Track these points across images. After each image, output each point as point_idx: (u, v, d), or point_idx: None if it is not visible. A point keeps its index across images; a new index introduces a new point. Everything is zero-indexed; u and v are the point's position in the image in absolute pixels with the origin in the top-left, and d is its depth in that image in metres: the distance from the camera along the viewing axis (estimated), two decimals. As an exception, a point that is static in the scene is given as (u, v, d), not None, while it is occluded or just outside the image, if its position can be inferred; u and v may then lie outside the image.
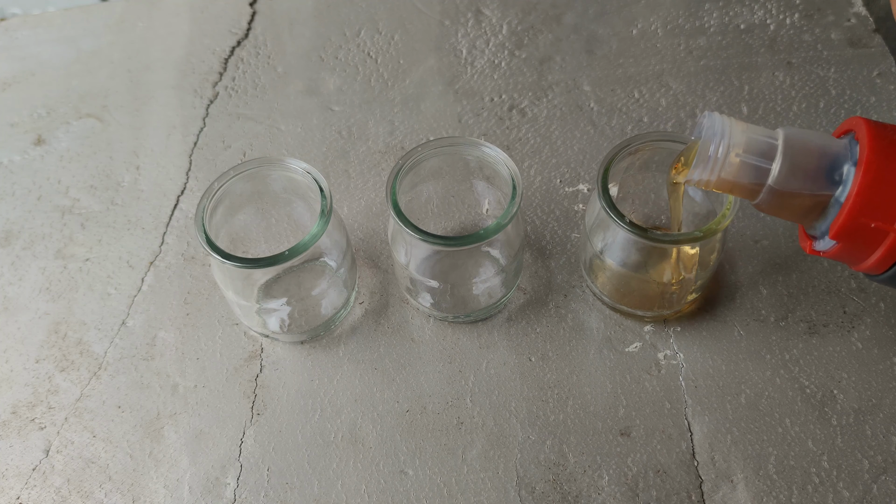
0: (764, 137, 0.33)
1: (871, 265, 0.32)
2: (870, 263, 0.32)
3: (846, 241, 0.32)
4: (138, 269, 0.48)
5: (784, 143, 0.32)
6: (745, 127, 0.33)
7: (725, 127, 0.33)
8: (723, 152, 0.33)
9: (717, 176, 0.33)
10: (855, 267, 0.34)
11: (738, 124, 0.33)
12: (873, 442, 0.40)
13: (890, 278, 0.33)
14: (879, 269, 0.32)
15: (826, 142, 0.33)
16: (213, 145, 0.53)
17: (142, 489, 0.41)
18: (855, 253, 0.33)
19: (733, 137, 0.33)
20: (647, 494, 0.39)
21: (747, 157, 0.33)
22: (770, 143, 0.33)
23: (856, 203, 0.31)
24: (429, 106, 0.54)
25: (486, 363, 0.44)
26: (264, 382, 0.44)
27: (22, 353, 0.46)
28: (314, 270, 0.45)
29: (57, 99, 0.57)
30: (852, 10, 0.57)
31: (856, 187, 0.31)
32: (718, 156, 0.33)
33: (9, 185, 0.53)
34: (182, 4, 0.62)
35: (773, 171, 0.32)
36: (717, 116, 0.33)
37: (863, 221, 0.31)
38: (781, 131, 0.33)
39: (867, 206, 0.31)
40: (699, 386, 0.42)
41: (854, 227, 0.31)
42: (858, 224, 0.31)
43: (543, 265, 0.47)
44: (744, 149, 0.33)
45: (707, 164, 0.33)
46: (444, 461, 0.41)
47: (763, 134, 0.33)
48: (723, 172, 0.33)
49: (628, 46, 0.56)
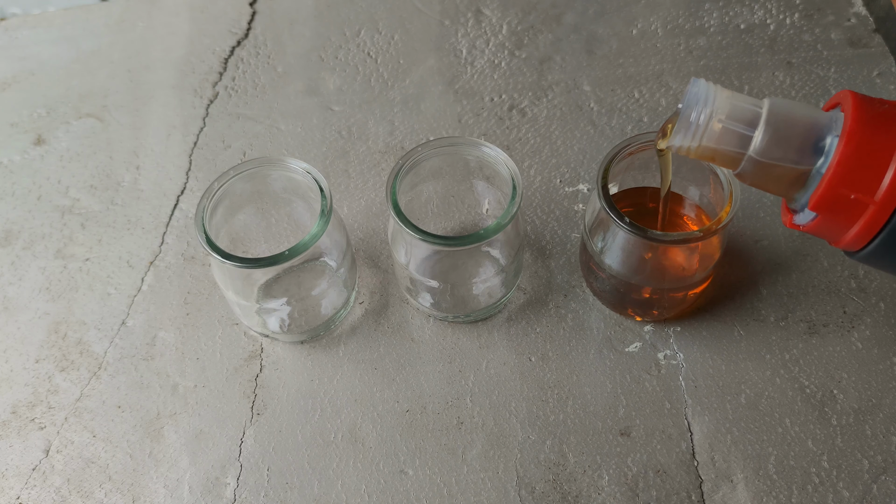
0: (748, 105, 0.32)
1: (850, 240, 0.32)
2: (849, 238, 0.32)
3: (825, 212, 0.31)
4: (138, 269, 0.48)
5: (768, 112, 0.32)
6: (730, 94, 0.33)
7: (710, 93, 0.33)
8: (704, 119, 0.32)
9: (698, 142, 0.33)
10: (834, 243, 0.33)
11: (723, 91, 0.33)
12: (873, 442, 0.40)
13: (868, 255, 0.32)
14: (858, 244, 0.32)
15: (811, 112, 0.32)
16: (213, 145, 0.53)
17: (142, 489, 0.41)
18: (834, 226, 0.32)
19: (717, 104, 0.32)
20: (647, 494, 0.39)
21: (730, 123, 0.32)
22: (754, 110, 0.32)
23: (836, 173, 0.30)
24: (429, 106, 0.54)
25: (486, 363, 0.44)
26: (264, 382, 0.44)
27: (22, 353, 0.46)
28: (314, 270, 0.45)
29: (57, 99, 0.57)
30: (852, 10, 0.57)
31: (837, 157, 0.30)
32: (700, 122, 0.32)
33: (9, 185, 0.53)
34: (182, 4, 0.62)
35: (755, 140, 0.32)
36: (702, 83, 0.33)
37: (842, 192, 0.30)
38: (767, 100, 0.32)
39: (848, 177, 0.30)
40: (699, 386, 0.42)
41: (833, 197, 0.31)
42: (838, 195, 0.30)
43: (543, 265, 0.47)
44: (727, 115, 0.32)
45: (688, 130, 0.33)
46: (444, 461, 0.41)
47: (748, 102, 0.33)
48: (704, 139, 0.33)
49: (628, 46, 0.56)
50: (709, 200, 0.42)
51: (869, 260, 0.32)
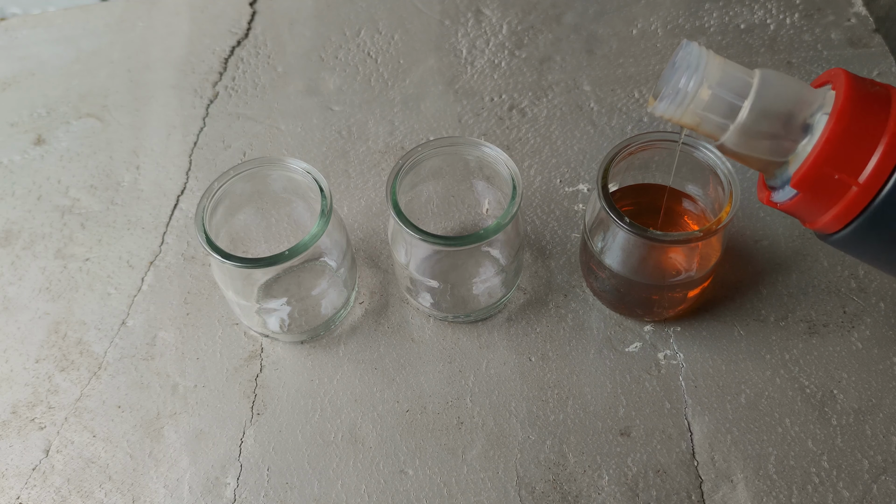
0: (740, 74, 0.32)
1: (827, 221, 0.31)
2: (826, 219, 0.31)
3: (807, 191, 0.31)
4: (138, 269, 0.48)
5: (759, 83, 0.31)
6: (723, 61, 0.32)
7: (701, 59, 0.31)
8: (693, 86, 0.31)
9: (684, 110, 0.32)
10: (808, 223, 0.33)
11: (715, 58, 0.32)
12: (873, 442, 0.40)
13: (842, 239, 0.31)
14: (835, 226, 0.31)
15: (802, 88, 0.32)
16: (213, 145, 0.53)
17: (142, 489, 0.41)
18: (813, 206, 0.31)
19: (708, 70, 0.31)
20: (647, 494, 0.39)
21: (720, 91, 0.31)
22: (745, 80, 0.31)
23: (823, 150, 0.30)
24: (429, 106, 0.54)
25: (486, 363, 0.44)
26: (264, 382, 0.44)
27: (22, 353, 0.46)
28: (314, 270, 0.45)
29: (57, 99, 0.57)
30: (852, 10, 0.57)
31: (826, 134, 0.29)
32: (689, 89, 0.31)
33: (9, 185, 0.53)
34: (182, 4, 0.62)
35: (743, 110, 0.31)
36: (694, 47, 0.32)
37: (827, 171, 0.30)
38: (758, 71, 0.32)
39: (834, 156, 0.30)
40: (699, 386, 0.42)
41: (817, 176, 0.30)
42: (822, 174, 0.30)
43: (543, 265, 0.47)
44: (717, 82, 0.31)
45: (675, 96, 0.32)
46: (444, 461, 0.41)
47: (740, 71, 0.32)
48: (692, 105, 0.32)
49: (628, 46, 0.56)
50: (709, 200, 0.42)
51: (842, 244, 0.32)
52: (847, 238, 0.31)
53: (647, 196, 0.44)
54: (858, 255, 0.34)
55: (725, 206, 0.38)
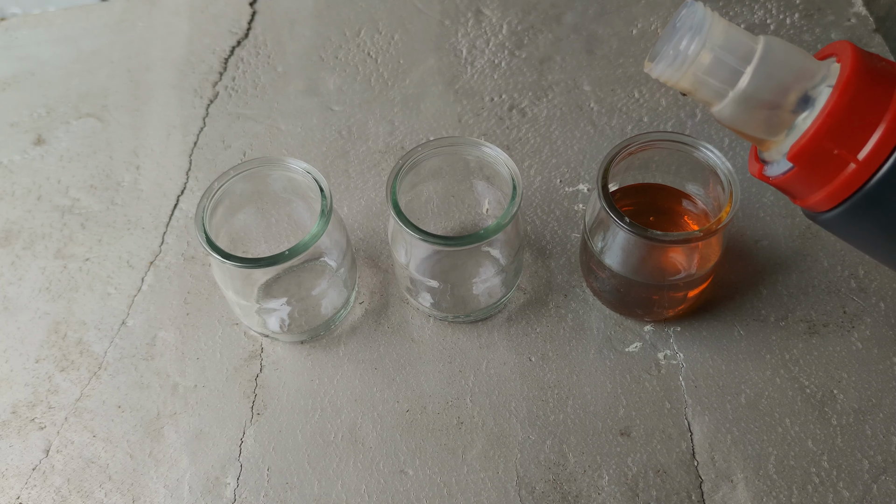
0: (744, 38, 0.30)
1: (820, 199, 0.30)
2: (819, 197, 0.30)
3: (803, 165, 0.30)
4: (138, 269, 0.48)
5: (764, 49, 0.30)
6: (728, 24, 0.30)
7: (706, 21, 0.30)
8: (695, 48, 0.30)
9: (682, 73, 0.31)
10: (799, 200, 0.32)
11: (720, 20, 0.30)
12: (873, 442, 0.40)
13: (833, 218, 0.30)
14: (827, 204, 0.30)
15: (807, 58, 0.30)
16: (213, 145, 0.53)
17: (142, 489, 0.41)
18: (807, 182, 0.30)
19: (712, 32, 0.30)
20: (647, 494, 0.39)
21: (723, 55, 0.30)
22: (750, 45, 0.30)
23: (825, 123, 0.28)
24: (429, 106, 0.54)
25: (486, 363, 0.44)
26: (264, 382, 0.44)
27: (22, 353, 0.46)
28: (314, 270, 0.45)
29: (57, 99, 0.57)
30: (852, 10, 0.57)
31: (829, 107, 0.28)
32: (689, 51, 0.30)
33: (9, 185, 0.53)
34: (182, 4, 0.62)
35: (745, 77, 0.30)
36: (698, 7, 0.30)
37: (826, 146, 0.29)
38: (763, 37, 0.31)
39: (835, 130, 0.28)
40: (699, 386, 0.42)
41: (816, 150, 0.29)
42: (821, 148, 0.29)
43: (543, 265, 0.47)
44: (720, 45, 0.30)
45: (675, 58, 0.30)
46: (444, 461, 0.41)
47: (744, 35, 0.30)
48: (692, 68, 0.30)
49: (628, 46, 0.56)
50: (709, 200, 0.42)
51: (832, 224, 0.31)
52: (838, 218, 0.30)
53: (647, 196, 0.44)
54: (847, 236, 0.33)
55: (725, 206, 0.38)
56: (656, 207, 0.45)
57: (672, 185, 0.43)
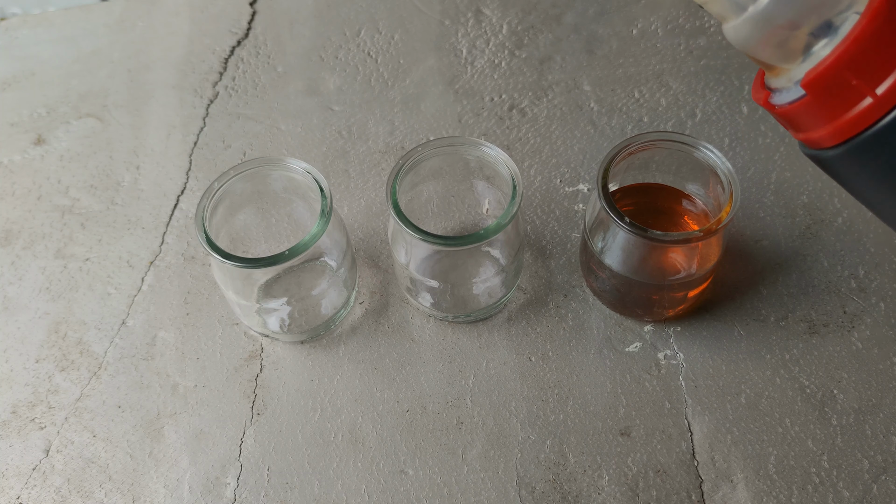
0: None
1: (826, 133, 0.28)
2: (826, 131, 0.28)
3: (817, 94, 0.28)
4: (138, 268, 0.48)
5: None
6: None
7: None
8: None
9: None
10: (802, 133, 0.30)
11: None
12: (873, 442, 0.40)
13: (835, 157, 0.29)
14: (833, 139, 0.28)
15: None
16: (213, 145, 0.53)
17: (142, 489, 0.41)
18: (816, 113, 0.29)
19: None
20: (647, 494, 0.39)
21: None
22: None
23: (848, 50, 0.27)
24: (429, 106, 0.54)
25: (486, 363, 0.44)
26: (264, 382, 0.44)
27: (22, 352, 0.46)
28: (314, 270, 0.45)
29: (57, 99, 0.57)
30: (852, 10, 0.57)
31: (855, 33, 0.27)
32: None
33: (9, 184, 0.53)
34: (182, 4, 0.62)
35: None
36: None
37: (846, 75, 0.27)
38: None
39: (858, 59, 0.27)
40: (699, 386, 0.42)
41: (834, 78, 0.27)
42: (840, 77, 0.27)
43: (543, 265, 0.47)
44: None
45: None
46: (444, 461, 0.41)
47: None
48: None
49: (628, 46, 0.56)
50: (709, 200, 0.42)
51: (832, 162, 0.29)
52: (841, 156, 0.29)
53: (647, 196, 0.44)
54: (845, 178, 0.31)
55: (725, 206, 0.38)
56: (656, 207, 0.45)
57: (672, 185, 0.43)
